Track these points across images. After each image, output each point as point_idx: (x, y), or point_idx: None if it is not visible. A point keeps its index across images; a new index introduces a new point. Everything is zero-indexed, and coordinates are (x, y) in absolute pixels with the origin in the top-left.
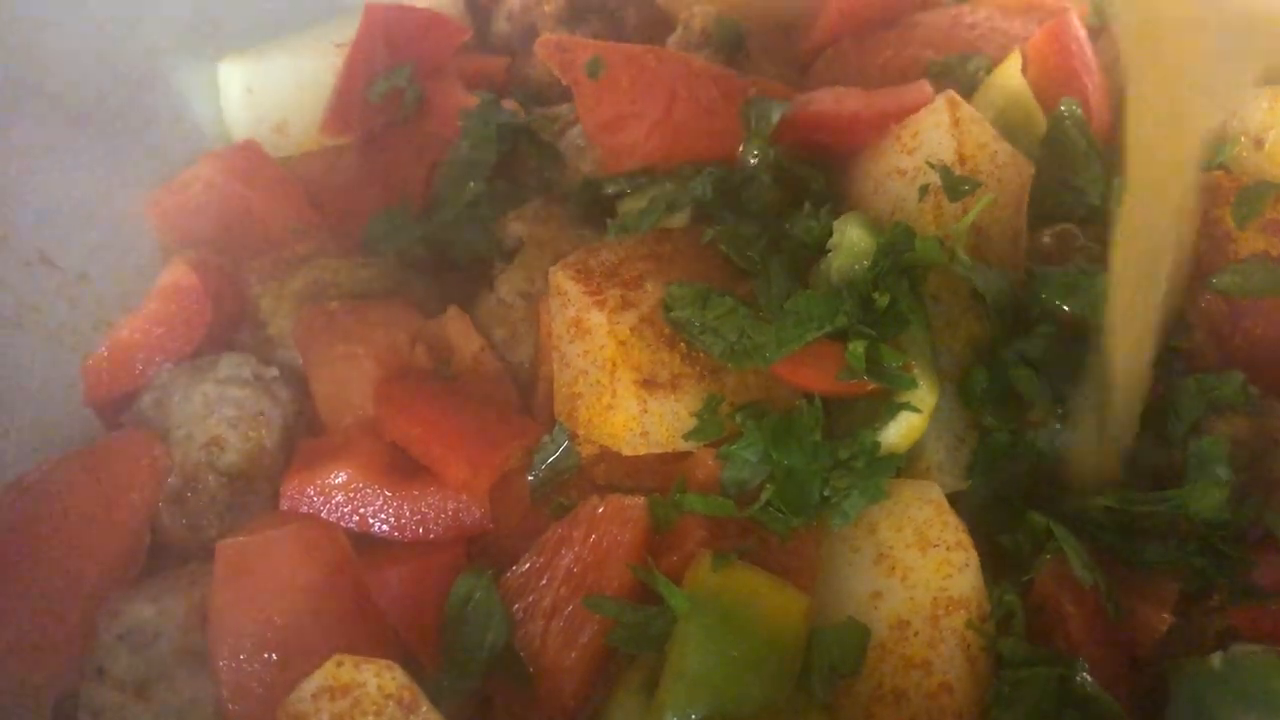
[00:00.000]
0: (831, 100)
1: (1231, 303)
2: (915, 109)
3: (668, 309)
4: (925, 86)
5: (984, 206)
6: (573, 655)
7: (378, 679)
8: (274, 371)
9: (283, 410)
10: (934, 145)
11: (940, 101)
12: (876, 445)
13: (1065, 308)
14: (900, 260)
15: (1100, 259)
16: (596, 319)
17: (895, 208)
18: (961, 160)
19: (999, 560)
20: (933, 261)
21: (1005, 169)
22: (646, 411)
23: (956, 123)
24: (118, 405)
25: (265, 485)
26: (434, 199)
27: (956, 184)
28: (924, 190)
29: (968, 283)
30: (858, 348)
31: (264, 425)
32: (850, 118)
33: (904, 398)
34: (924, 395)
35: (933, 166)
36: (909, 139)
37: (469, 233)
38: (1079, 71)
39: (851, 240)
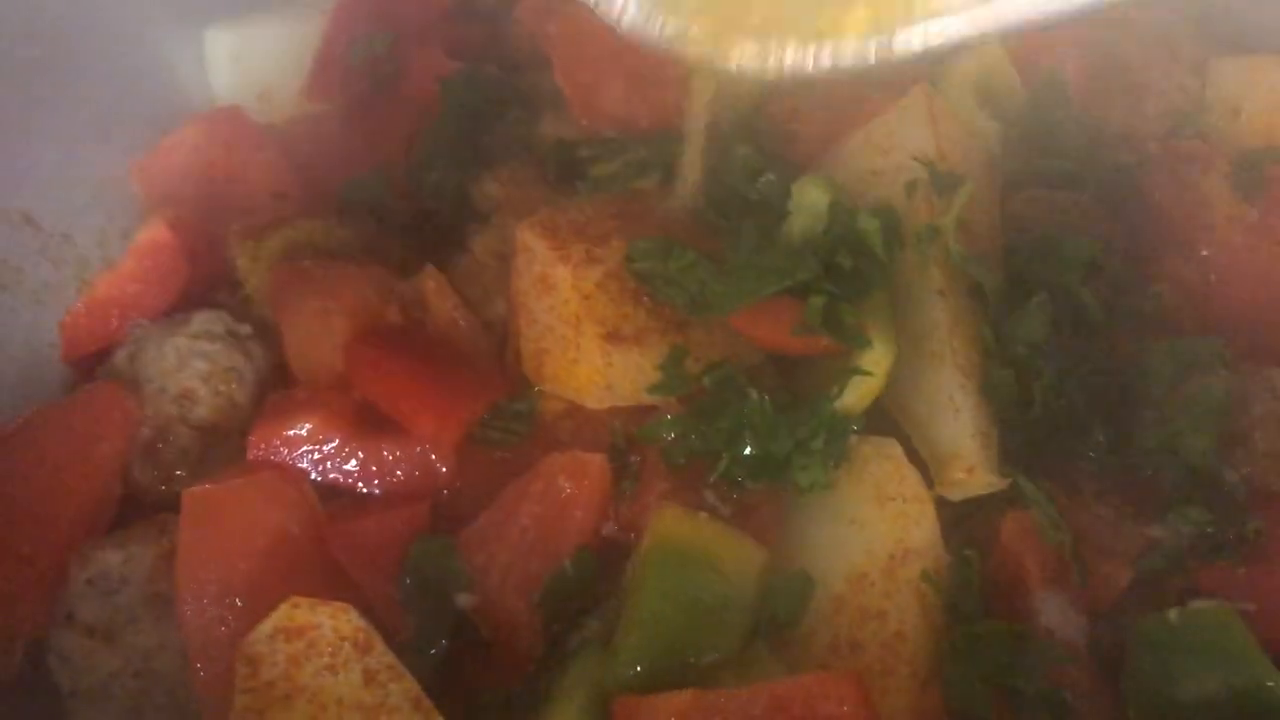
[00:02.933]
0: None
1: (1209, 268)
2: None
3: (630, 260)
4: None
5: (965, 200)
6: (529, 607)
7: (333, 621)
8: (247, 328)
9: (255, 366)
10: (913, 142)
11: (916, 95)
12: (834, 416)
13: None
14: (850, 225)
15: (1074, 222)
16: (561, 274)
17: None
18: (941, 155)
19: None
20: (871, 239)
21: (978, 163)
22: (611, 365)
23: (934, 118)
24: (94, 362)
25: (236, 439)
26: (413, 163)
27: (942, 179)
28: (911, 187)
29: (966, 277)
30: (817, 302)
31: (235, 380)
32: (830, 120)
33: (858, 358)
34: (879, 357)
35: (920, 163)
36: (882, 138)
37: (445, 195)
38: (1056, 40)
39: (810, 201)
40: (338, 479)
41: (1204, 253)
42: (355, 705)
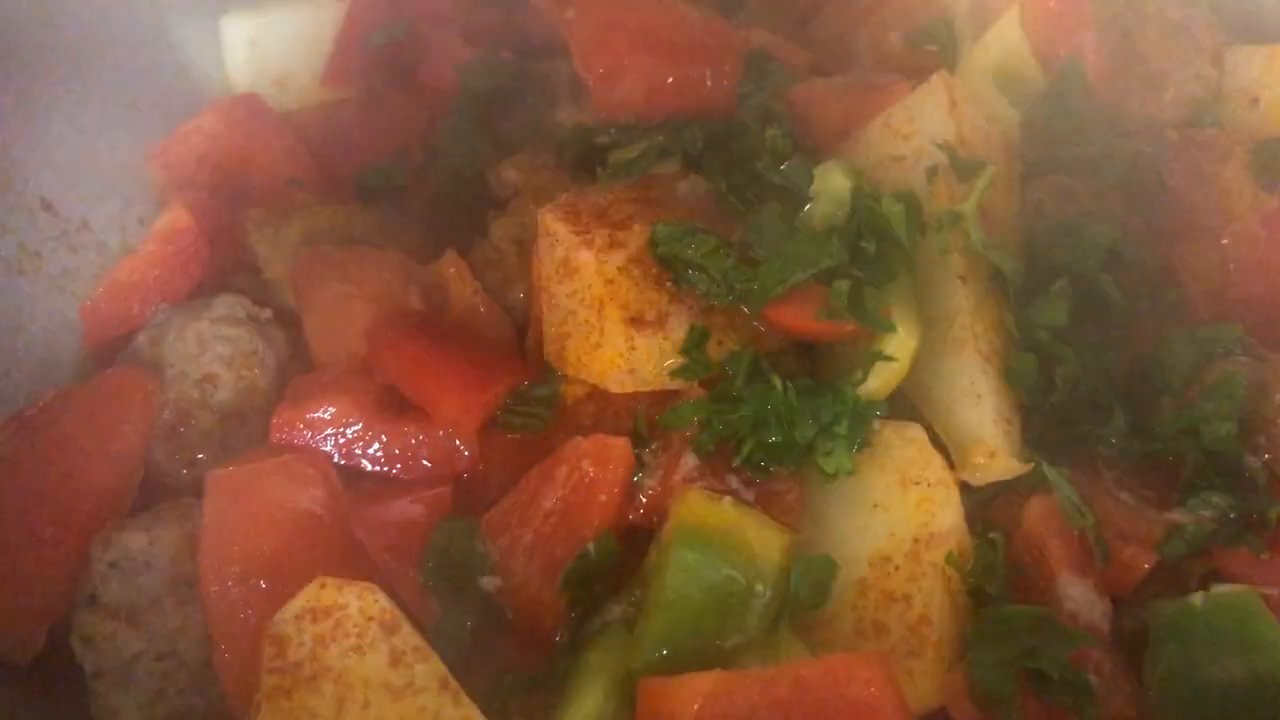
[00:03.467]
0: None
1: (1228, 257)
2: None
3: (654, 245)
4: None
5: (986, 186)
6: (553, 590)
7: (359, 601)
8: (268, 313)
9: (276, 351)
10: (934, 128)
11: (936, 82)
12: (857, 401)
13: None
14: (874, 210)
15: (1093, 210)
16: (584, 258)
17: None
18: (962, 141)
19: None
20: (895, 224)
21: (998, 149)
22: (634, 349)
23: (954, 104)
24: (115, 346)
25: (258, 422)
26: (431, 150)
27: (963, 165)
28: (932, 172)
29: (987, 263)
30: (842, 286)
31: (257, 364)
32: (851, 106)
33: (882, 343)
34: (903, 341)
35: (941, 148)
36: (902, 124)
37: (463, 182)
38: (1076, 29)
39: (834, 186)
40: (360, 462)
41: (1223, 240)
42: (382, 685)
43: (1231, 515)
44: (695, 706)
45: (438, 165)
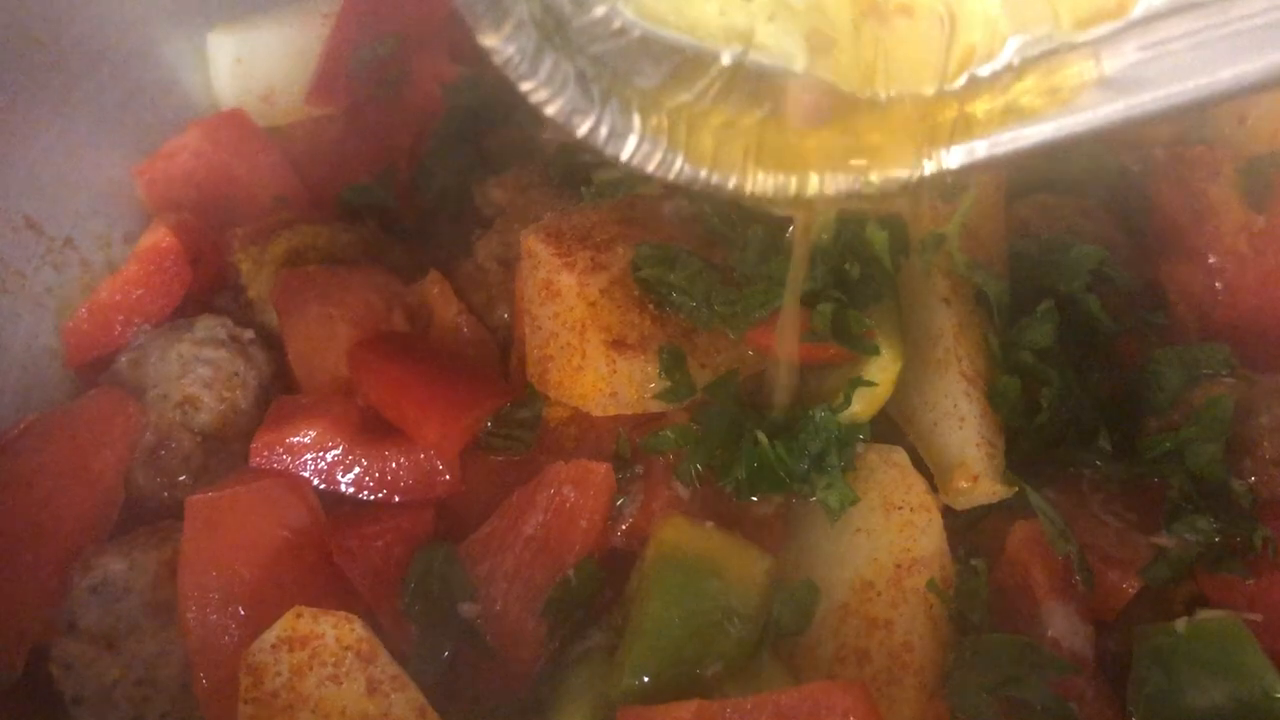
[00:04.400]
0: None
1: (1215, 277)
2: None
3: (636, 268)
4: None
5: (969, 207)
6: (533, 617)
7: (336, 630)
8: (250, 334)
9: (258, 372)
10: None
11: None
12: (841, 428)
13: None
14: (858, 235)
15: (1079, 228)
16: (566, 281)
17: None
18: None
19: None
20: (879, 249)
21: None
22: (616, 372)
23: None
24: (98, 367)
25: (239, 445)
26: (416, 168)
27: (946, 186)
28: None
29: (972, 284)
30: (825, 309)
31: (239, 386)
32: None
33: (865, 366)
34: (886, 364)
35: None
36: None
37: (449, 200)
38: None
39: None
40: (341, 486)
41: (1211, 259)
42: (359, 715)
43: (1216, 539)
44: None
45: (423, 183)
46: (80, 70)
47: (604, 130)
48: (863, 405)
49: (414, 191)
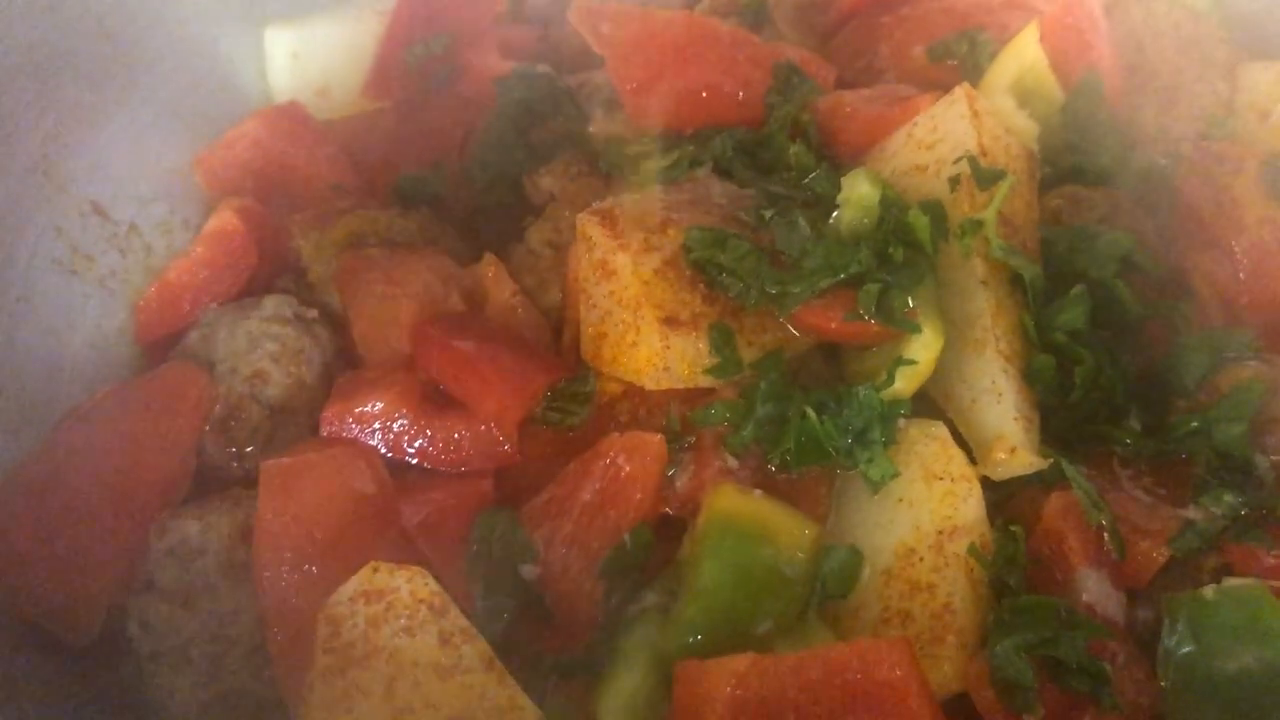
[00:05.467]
0: (859, 100)
1: (1239, 266)
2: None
3: (688, 250)
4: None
5: (1006, 194)
6: (591, 579)
7: (410, 585)
8: (314, 313)
9: (322, 349)
10: (956, 138)
11: (958, 94)
12: (883, 405)
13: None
14: (901, 219)
15: (1109, 218)
16: (622, 260)
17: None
18: (983, 151)
19: None
20: (920, 234)
21: (1018, 159)
22: (669, 347)
23: (976, 115)
24: (165, 345)
25: (304, 418)
26: (468, 159)
27: (984, 173)
28: (955, 181)
29: (1007, 268)
30: (871, 289)
31: (304, 362)
32: (876, 117)
33: (907, 345)
34: (928, 342)
35: (965, 160)
36: (925, 134)
37: (500, 189)
38: (1092, 44)
39: (861, 194)
40: (406, 454)
41: (1235, 249)
42: (430, 666)
43: (1243, 513)
44: (729, 687)
45: (474, 173)
46: (145, 65)
47: None
48: (904, 382)
49: (465, 181)
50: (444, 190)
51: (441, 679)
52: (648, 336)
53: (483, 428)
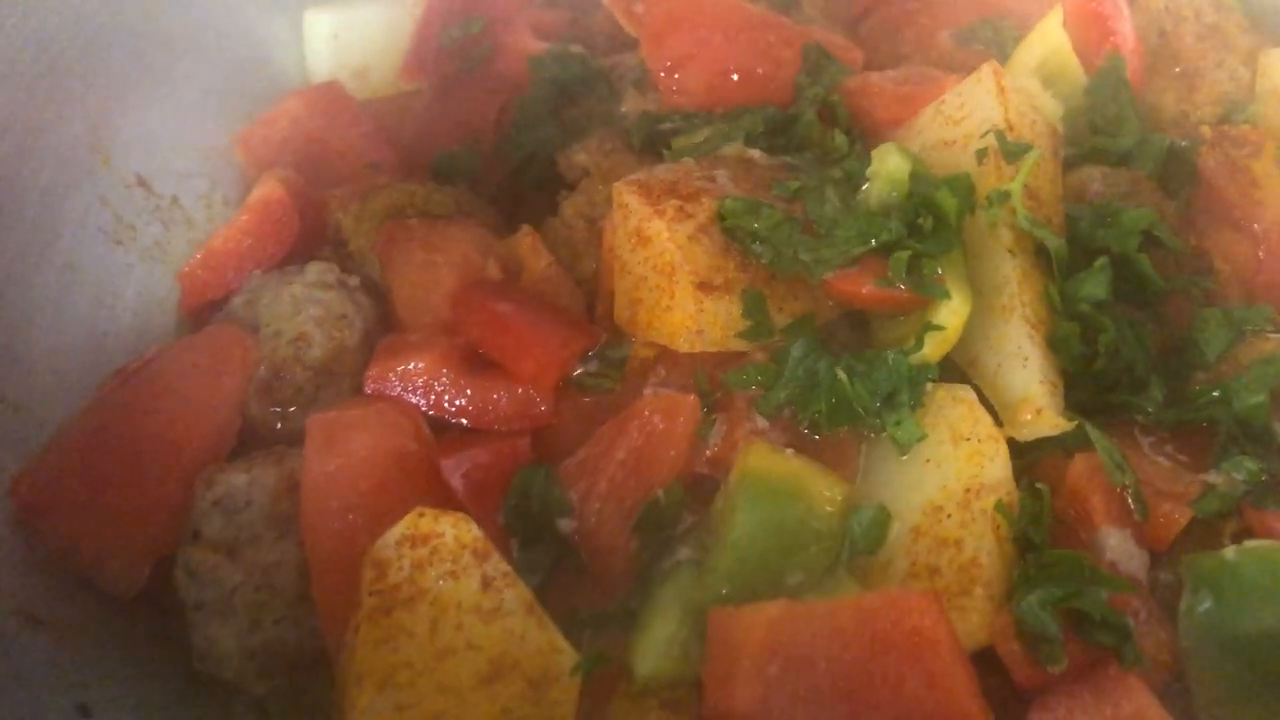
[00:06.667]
0: (887, 80)
1: (1259, 244)
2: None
3: (721, 218)
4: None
5: (1032, 167)
6: (626, 533)
7: (454, 530)
8: (356, 280)
9: (363, 315)
10: (984, 113)
11: (986, 71)
12: (912, 368)
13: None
14: (929, 195)
15: (1130, 196)
16: (657, 227)
17: None
18: (1009, 126)
19: None
20: (948, 210)
21: (1043, 135)
22: (703, 311)
23: (1002, 91)
24: (207, 312)
25: (346, 381)
26: (503, 136)
27: (1011, 147)
28: (982, 154)
29: (1033, 239)
30: (901, 256)
31: (346, 326)
32: (905, 96)
33: (934, 312)
34: (956, 308)
35: (993, 134)
36: (953, 110)
37: (534, 165)
38: (1115, 29)
39: (890, 168)
40: (447, 413)
41: (1255, 228)
42: (473, 609)
43: (1263, 478)
44: (762, 633)
45: (509, 151)
46: (188, 45)
47: None
48: (932, 347)
49: (500, 159)
50: (479, 168)
51: (484, 621)
52: (682, 301)
53: (520, 389)
